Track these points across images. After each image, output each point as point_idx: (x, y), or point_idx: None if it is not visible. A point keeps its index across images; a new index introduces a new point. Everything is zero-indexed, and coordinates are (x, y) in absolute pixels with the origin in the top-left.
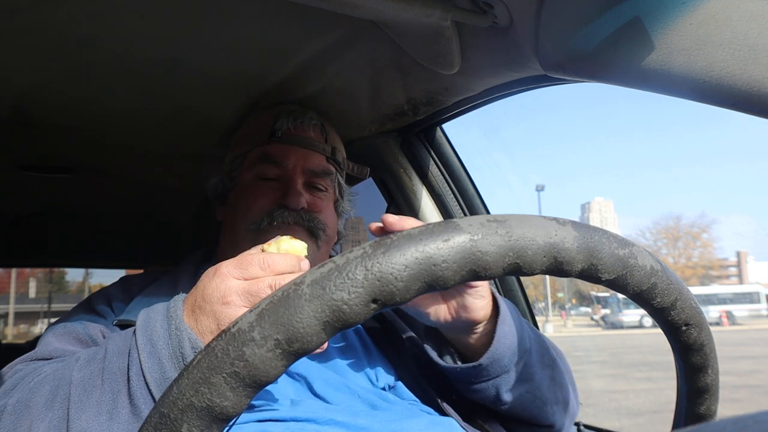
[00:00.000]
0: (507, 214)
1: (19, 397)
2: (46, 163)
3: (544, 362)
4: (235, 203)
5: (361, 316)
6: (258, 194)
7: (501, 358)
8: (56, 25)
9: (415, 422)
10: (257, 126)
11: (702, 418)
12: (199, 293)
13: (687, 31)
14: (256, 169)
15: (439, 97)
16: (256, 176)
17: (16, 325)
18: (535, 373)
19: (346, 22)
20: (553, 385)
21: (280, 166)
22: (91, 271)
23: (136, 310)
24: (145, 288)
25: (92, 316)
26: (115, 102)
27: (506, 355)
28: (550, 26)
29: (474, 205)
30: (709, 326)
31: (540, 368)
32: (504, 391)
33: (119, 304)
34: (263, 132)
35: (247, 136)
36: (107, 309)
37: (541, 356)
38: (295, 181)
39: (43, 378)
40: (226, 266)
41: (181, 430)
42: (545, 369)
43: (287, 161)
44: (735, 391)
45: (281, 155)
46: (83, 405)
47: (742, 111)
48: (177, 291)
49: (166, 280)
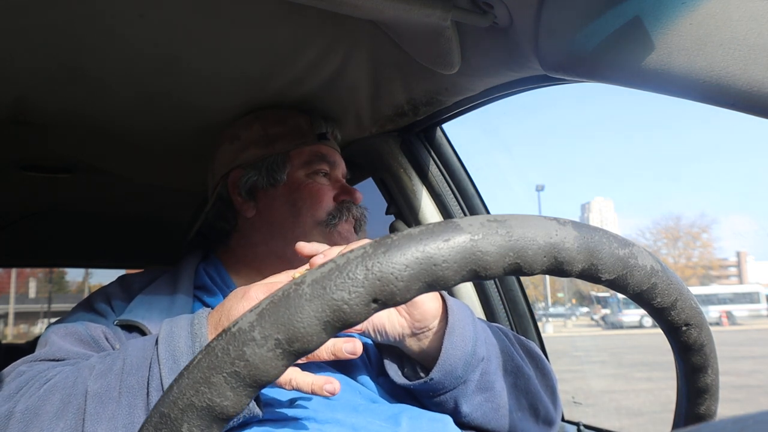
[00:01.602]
0: (507, 214)
1: (28, 404)
2: (46, 163)
3: (506, 369)
4: (289, 200)
5: (362, 315)
6: (320, 191)
7: (453, 369)
8: (56, 25)
9: (415, 421)
10: (294, 127)
11: (702, 418)
12: (224, 313)
13: (687, 31)
14: (311, 167)
15: (439, 97)
16: (311, 173)
17: (16, 325)
18: (495, 381)
19: (346, 22)
20: (516, 392)
21: (331, 165)
22: (91, 271)
23: (137, 309)
24: (146, 287)
25: (93, 316)
26: (115, 102)
27: (459, 366)
28: (550, 26)
29: (474, 205)
30: (709, 326)
31: (501, 376)
32: (462, 403)
33: (120, 303)
34: (305, 133)
35: (284, 136)
36: (108, 308)
37: (502, 363)
38: (342, 179)
39: (53, 385)
40: (255, 290)
41: (182, 429)
42: (507, 376)
43: (337, 162)
44: (735, 391)
45: (331, 155)
46: (98, 417)
47: (742, 111)
48: (177, 290)
49: (165, 279)
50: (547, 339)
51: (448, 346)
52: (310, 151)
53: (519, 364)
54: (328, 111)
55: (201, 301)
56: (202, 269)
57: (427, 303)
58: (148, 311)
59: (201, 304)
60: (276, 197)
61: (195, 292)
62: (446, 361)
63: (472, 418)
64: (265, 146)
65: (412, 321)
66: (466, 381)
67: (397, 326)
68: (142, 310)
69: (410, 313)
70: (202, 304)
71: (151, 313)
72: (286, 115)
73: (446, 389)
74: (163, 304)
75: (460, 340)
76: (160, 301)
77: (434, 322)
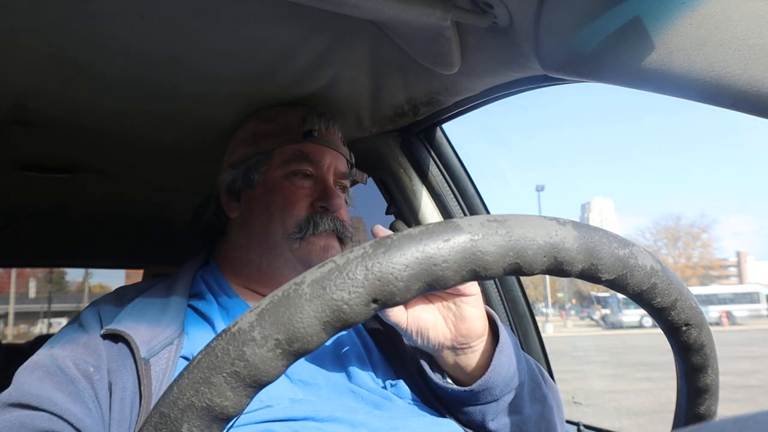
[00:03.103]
0: (507, 214)
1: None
2: (46, 163)
3: (535, 397)
4: (264, 203)
5: (362, 316)
6: (294, 196)
7: (493, 387)
8: (56, 25)
9: (415, 421)
10: (283, 124)
11: (702, 418)
12: None
13: (687, 31)
14: (290, 167)
15: (439, 97)
16: (290, 174)
17: (16, 325)
18: (525, 407)
19: (347, 22)
20: (541, 421)
21: (315, 166)
22: (91, 271)
23: (126, 319)
24: (139, 295)
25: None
26: (115, 102)
27: (498, 385)
28: (550, 26)
29: (474, 205)
30: (709, 326)
31: (530, 402)
32: (489, 420)
33: (110, 313)
34: (293, 130)
35: (271, 134)
36: (95, 320)
37: (532, 390)
38: (329, 181)
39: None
40: None
41: (182, 429)
42: (535, 404)
43: (323, 161)
44: (735, 391)
45: (317, 155)
46: None
47: (742, 111)
48: (170, 299)
49: (160, 287)
50: (547, 339)
51: (497, 364)
52: (291, 150)
53: (545, 393)
54: (329, 110)
55: (195, 310)
56: (200, 276)
57: (476, 321)
58: (137, 321)
59: (195, 313)
60: (254, 199)
61: (190, 300)
62: (490, 378)
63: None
64: (251, 144)
65: (456, 334)
66: (498, 400)
67: (440, 335)
68: (131, 320)
69: (457, 326)
70: (196, 312)
71: (139, 323)
72: (280, 111)
73: (479, 402)
74: (154, 313)
75: (507, 360)
76: (151, 311)
77: (477, 341)
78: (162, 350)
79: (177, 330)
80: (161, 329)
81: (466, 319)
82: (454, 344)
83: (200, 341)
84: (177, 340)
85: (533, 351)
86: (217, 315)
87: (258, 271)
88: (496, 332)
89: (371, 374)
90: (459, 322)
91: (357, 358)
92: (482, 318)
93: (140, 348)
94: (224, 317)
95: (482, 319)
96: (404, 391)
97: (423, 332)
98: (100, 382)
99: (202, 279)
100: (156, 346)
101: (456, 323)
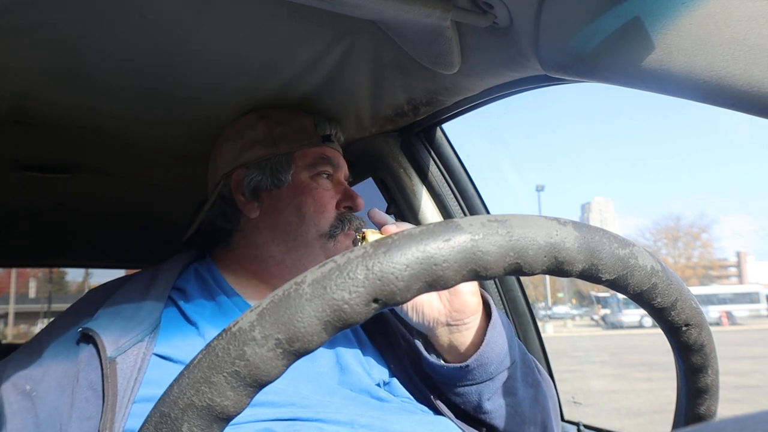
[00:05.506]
0: (508, 214)
1: None
2: (46, 163)
3: (527, 381)
4: (294, 204)
5: (362, 315)
6: (324, 198)
7: (488, 363)
8: (56, 25)
9: (409, 419)
10: (297, 127)
11: (702, 418)
12: None
13: (687, 31)
14: (315, 169)
15: (439, 97)
16: (314, 176)
17: (16, 325)
18: (518, 389)
19: (346, 22)
20: (535, 405)
21: (335, 168)
22: (91, 271)
23: (101, 317)
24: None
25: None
26: (115, 102)
27: (493, 361)
28: (550, 26)
29: (474, 205)
30: (709, 326)
31: (523, 385)
32: (485, 399)
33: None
34: (310, 134)
35: (289, 136)
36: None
37: (525, 374)
38: (345, 182)
39: None
40: None
41: (182, 429)
42: (528, 388)
43: (340, 164)
44: (735, 391)
45: (335, 158)
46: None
47: (742, 111)
48: (148, 294)
49: (141, 281)
50: (547, 339)
51: (490, 339)
52: (314, 153)
53: (538, 379)
54: (328, 111)
55: (176, 305)
56: (193, 270)
57: (469, 295)
58: (111, 319)
59: (176, 309)
60: (280, 199)
61: (172, 293)
62: (484, 353)
63: (492, 417)
64: (269, 146)
65: (450, 309)
66: (493, 378)
67: (435, 311)
68: (106, 318)
69: (451, 301)
70: (176, 308)
71: (112, 321)
72: (290, 115)
73: (474, 381)
74: (129, 310)
75: (500, 336)
76: (126, 307)
77: (470, 318)
78: (131, 348)
79: (150, 327)
80: (132, 326)
81: (460, 294)
82: (448, 320)
83: (177, 338)
84: (149, 337)
85: (533, 351)
86: (201, 311)
87: (279, 265)
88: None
89: (366, 371)
90: (453, 296)
91: (353, 354)
92: (475, 293)
93: (107, 347)
94: (214, 314)
95: (475, 294)
96: (398, 388)
97: (418, 308)
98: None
99: (196, 271)
100: (125, 344)
101: (450, 298)
